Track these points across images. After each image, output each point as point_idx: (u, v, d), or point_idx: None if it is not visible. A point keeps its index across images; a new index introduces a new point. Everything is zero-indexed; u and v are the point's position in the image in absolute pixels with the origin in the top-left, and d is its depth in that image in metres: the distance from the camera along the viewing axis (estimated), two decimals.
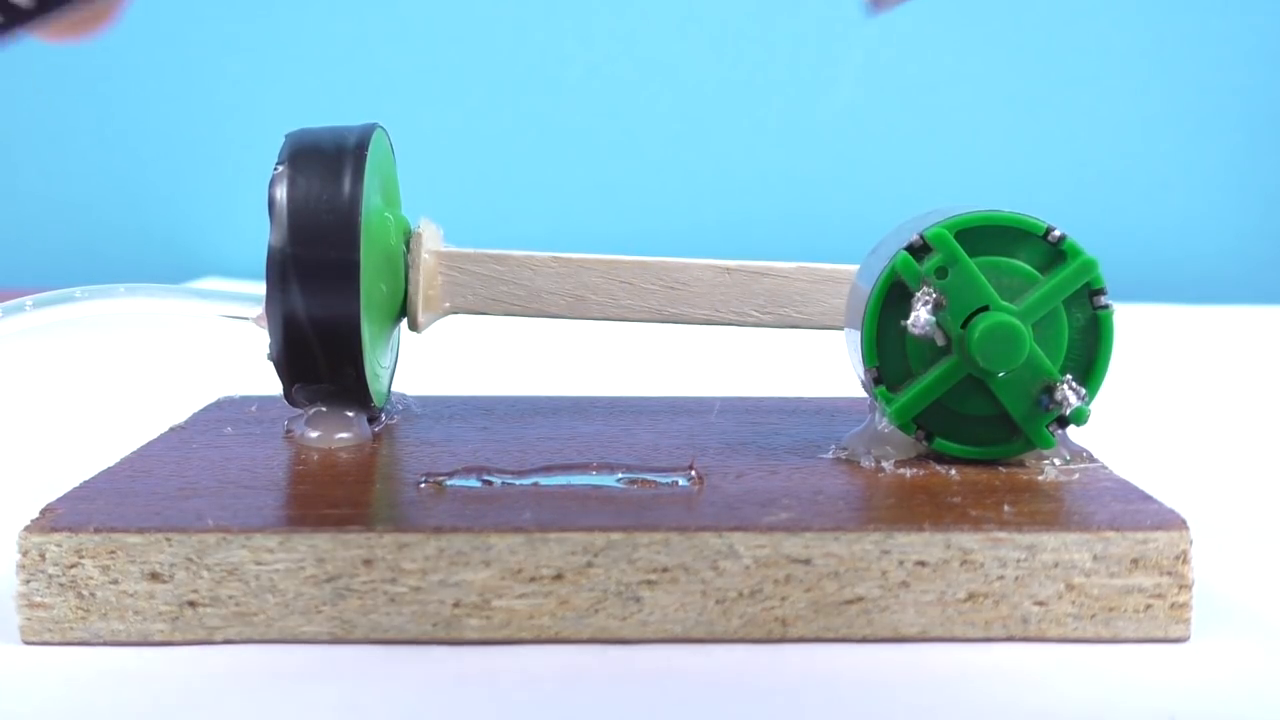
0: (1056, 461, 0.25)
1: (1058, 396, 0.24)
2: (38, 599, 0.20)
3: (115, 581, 0.20)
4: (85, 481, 0.23)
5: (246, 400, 0.31)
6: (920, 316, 0.24)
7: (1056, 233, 0.24)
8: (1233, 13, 0.79)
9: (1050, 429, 0.24)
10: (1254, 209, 0.80)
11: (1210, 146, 0.80)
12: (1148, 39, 0.80)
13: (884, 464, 0.25)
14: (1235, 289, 0.76)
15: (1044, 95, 0.81)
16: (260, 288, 0.25)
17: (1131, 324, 0.29)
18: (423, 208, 0.30)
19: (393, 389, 0.30)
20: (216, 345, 0.49)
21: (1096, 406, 0.24)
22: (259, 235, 0.25)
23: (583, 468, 0.24)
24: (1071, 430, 0.25)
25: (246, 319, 0.27)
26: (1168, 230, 0.80)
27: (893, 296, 0.25)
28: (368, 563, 0.20)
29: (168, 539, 0.20)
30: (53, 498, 0.22)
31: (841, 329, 0.27)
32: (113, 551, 0.20)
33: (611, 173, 0.77)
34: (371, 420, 0.27)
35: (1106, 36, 0.80)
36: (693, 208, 0.80)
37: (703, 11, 0.81)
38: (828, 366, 0.34)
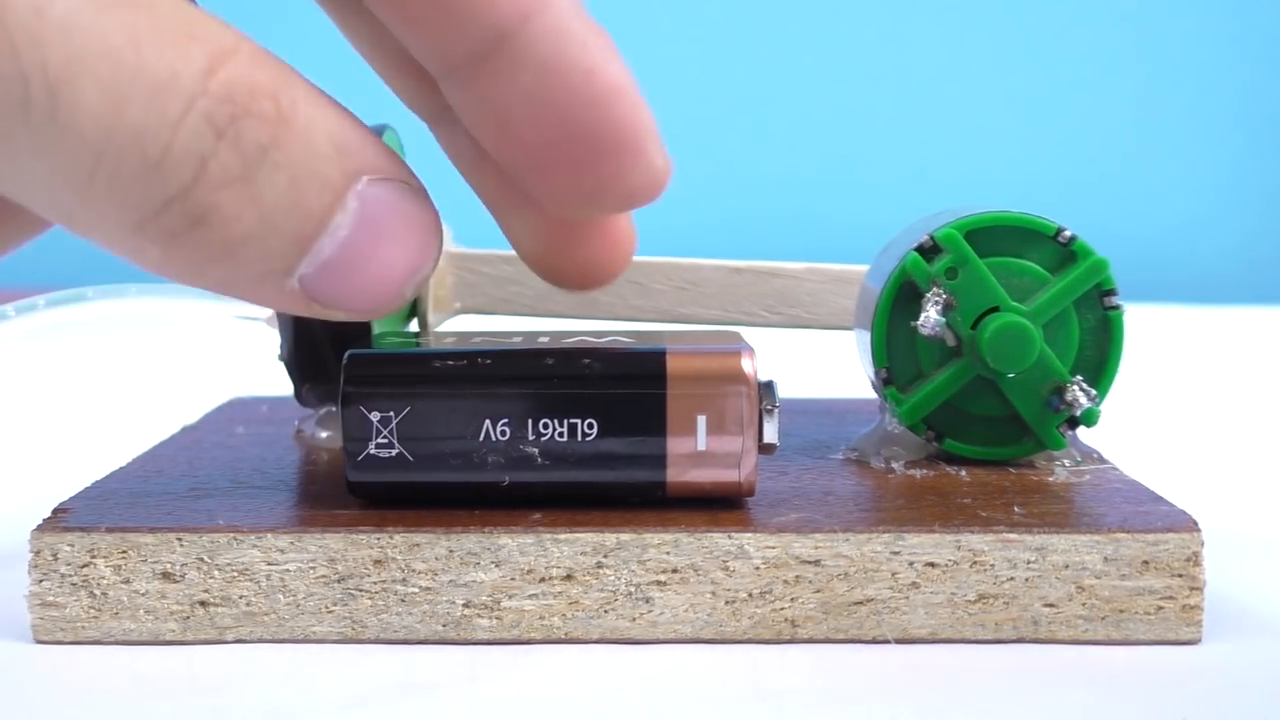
0: (1067, 463, 0.25)
1: (1068, 398, 0.24)
2: (50, 598, 0.21)
3: (127, 581, 0.21)
4: (97, 481, 0.23)
5: (258, 401, 0.31)
6: (930, 317, 0.24)
7: (1067, 233, 0.24)
8: (1235, 13, 0.79)
9: (1061, 430, 0.24)
10: (1258, 209, 0.80)
11: (1214, 146, 0.80)
12: (1151, 39, 0.80)
13: (894, 465, 0.25)
14: (1241, 289, 0.75)
15: (1048, 96, 0.80)
16: None
17: (1139, 325, 0.29)
18: None
19: None
20: (228, 346, 0.49)
21: (1107, 408, 0.24)
22: None
23: None
24: (1082, 431, 0.25)
25: (258, 319, 0.27)
26: (1172, 231, 0.80)
27: (903, 297, 0.25)
28: (378, 563, 0.21)
29: (179, 539, 0.20)
30: (65, 497, 0.22)
31: (851, 329, 0.27)
32: (125, 551, 0.20)
33: None
34: None
35: (1110, 37, 0.80)
36: (702, 208, 0.80)
37: (710, 9, 0.81)
38: (837, 367, 0.34)
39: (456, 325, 0.30)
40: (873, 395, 0.26)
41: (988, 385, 0.24)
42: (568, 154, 0.19)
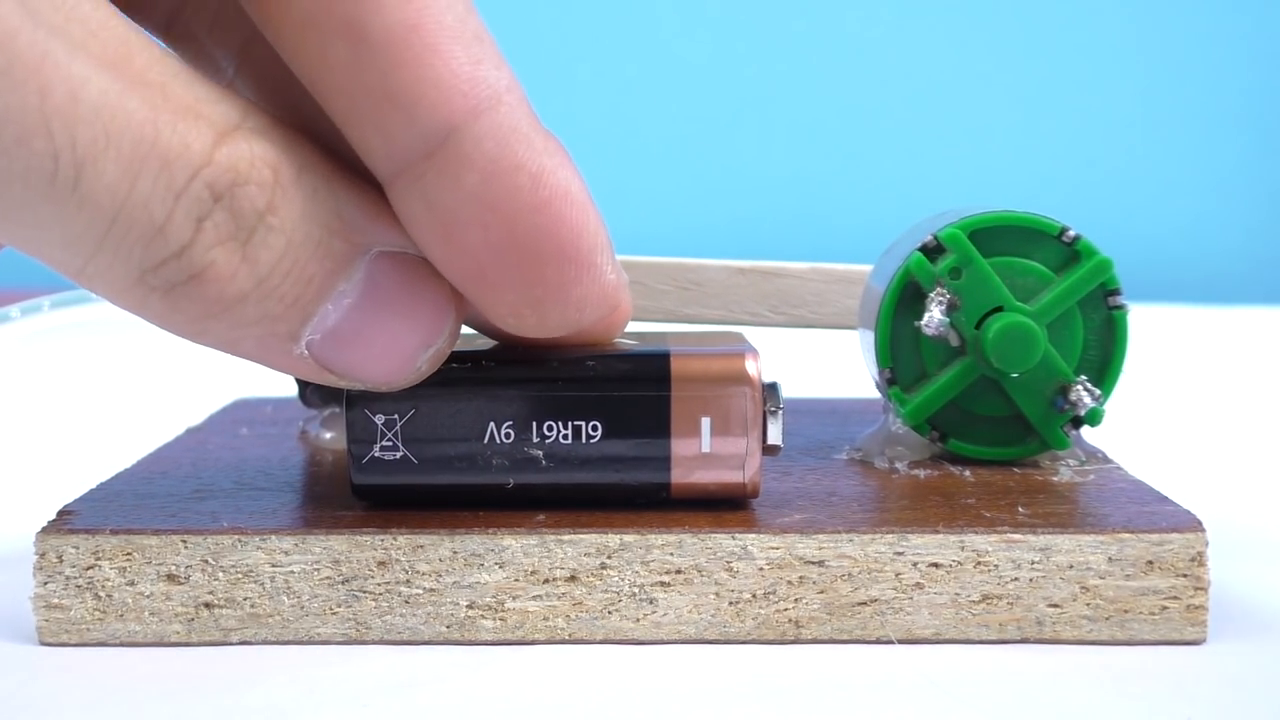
0: (1071, 463, 0.25)
1: (1072, 397, 0.24)
2: (55, 600, 0.21)
3: (132, 583, 0.21)
4: (102, 483, 0.24)
5: (262, 402, 0.31)
6: (934, 317, 0.24)
7: (1071, 233, 0.24)
8: (1241, 11, 0.79)
9: (1065, 430, 0.24)
10: (1263, 208, 0.80)
11: (1219, 145, 0.80)
12: (1156, 37, 0.80)
13: (898, 465, 0.25)
14: (1246, 289, 0.75)
15: (1053, 95, 0.80)
16: None
17: (1144, 325, 0.29)
18: None
19: None
20: None
21: (1111, 408, 0.24)
22: None
23: None
24: (1086, 431, 0.25)
25: None
26: (1177, 230, 0.80)
27: (906, 297, 0.25)
28: (382, 564, 0.21)
29: (184, 541, 0.20)
30: (69, 499, 0.22)
31: (855, 329, 0.27)
32: (129, 553, 0.21)
33: (623, 173, 0.77)
34: None
35: (1115, 36, 0.80)
36: (705, 208, 0.80)
37: (713, 10, 0.81)
38: (841, 367, 0.34)
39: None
40: (876, 395, 0.26)
41: (992, 385, 0.24)
42: (513, 261, 0.18)
